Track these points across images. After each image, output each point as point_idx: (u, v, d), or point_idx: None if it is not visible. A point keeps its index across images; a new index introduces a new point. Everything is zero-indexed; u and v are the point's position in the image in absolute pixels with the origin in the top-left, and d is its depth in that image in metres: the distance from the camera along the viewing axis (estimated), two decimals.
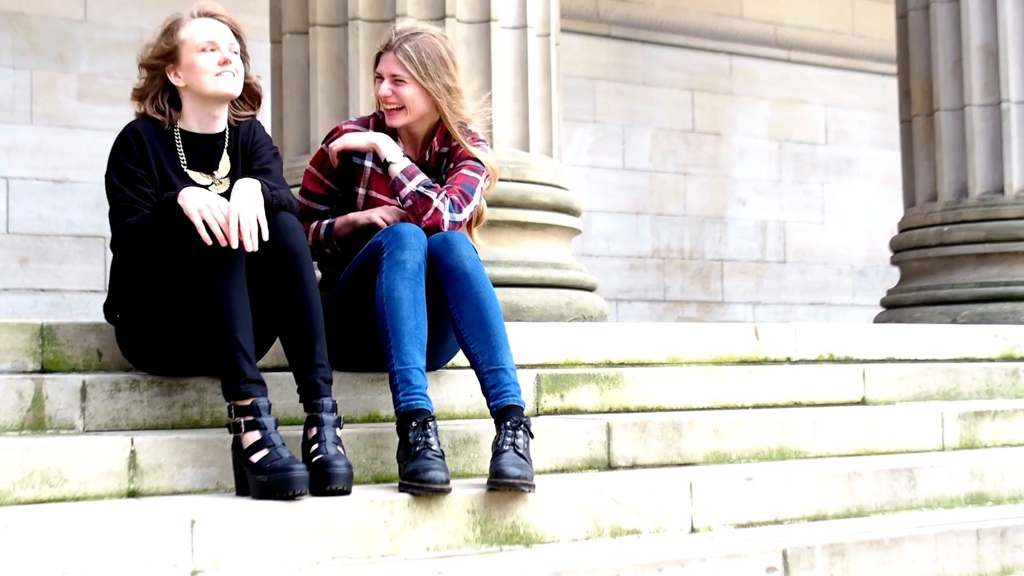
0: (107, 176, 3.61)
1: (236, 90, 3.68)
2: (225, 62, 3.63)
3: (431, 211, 3.78)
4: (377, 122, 4.02)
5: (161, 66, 3.67)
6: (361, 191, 3.99)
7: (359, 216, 3.95)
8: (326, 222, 3.98)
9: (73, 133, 7.61)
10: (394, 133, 3.98)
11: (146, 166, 3.59)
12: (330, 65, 5.17)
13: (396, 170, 3.85)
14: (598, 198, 9.42)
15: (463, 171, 3.91)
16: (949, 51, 7.14)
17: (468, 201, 3.86)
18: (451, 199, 3.82)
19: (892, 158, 9.47)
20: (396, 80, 3.89)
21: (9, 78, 7.53)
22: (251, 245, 3.34)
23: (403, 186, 3.82)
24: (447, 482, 3.27)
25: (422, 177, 3.83)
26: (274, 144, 3.83)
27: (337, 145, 3.96)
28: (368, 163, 3.98)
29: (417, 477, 3.25)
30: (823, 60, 10.60)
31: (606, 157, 9.66)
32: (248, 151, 3.74)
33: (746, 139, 10.30)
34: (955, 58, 7.11)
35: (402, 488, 3.30)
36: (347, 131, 4.00)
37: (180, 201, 3.35)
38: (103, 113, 7.57)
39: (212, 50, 3.63)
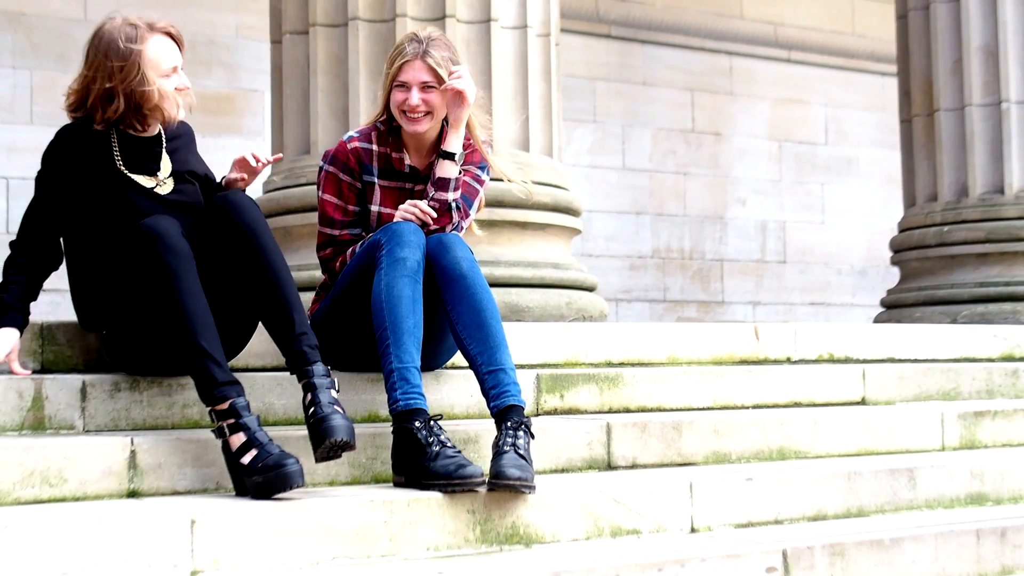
0: (35, 187, 3.57)
1: (182, 115, 3.64)
2: (182, 89, 3.57)
3: (446, 225, 3.80)
4: (379, 133, 3.94)
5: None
6: (374, 208, 3.94)
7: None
8: (359, 244, 3.85)
9: None
10: (398, 143, 3.93)
11: (73, 178, 3.53)
12: (330, 65, 5.17)
13: (452, 172, 3.83)
14: (598, 198, 9.42)
15: (467, 179, 3.91)
16: (949, 51, 7.14)
17: (467, 217, 3.89)
18: (459, 220, 3.85)
19: (892, 158, 9.47)
20: (426, 87, 3.83)
21: (9, 78, 7.54)
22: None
23: (446, 189, 3.81)
24: (483, 475, 3.28)
25: (458, 194, 3.84)
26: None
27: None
28: (376, 179, 3.94)
29: (457, 474, 3.25)
30: (823, 60, 10.61)
31: (606, 157, 9.66)
32: (182, 144, 3.71)
33: (746, 139, 10.30)
34: (955, 58, 7.12)
35: (430, 487, 3.28)
36: (351, 148, 3.90)
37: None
38: None
39: (173, 74, 3.56)
